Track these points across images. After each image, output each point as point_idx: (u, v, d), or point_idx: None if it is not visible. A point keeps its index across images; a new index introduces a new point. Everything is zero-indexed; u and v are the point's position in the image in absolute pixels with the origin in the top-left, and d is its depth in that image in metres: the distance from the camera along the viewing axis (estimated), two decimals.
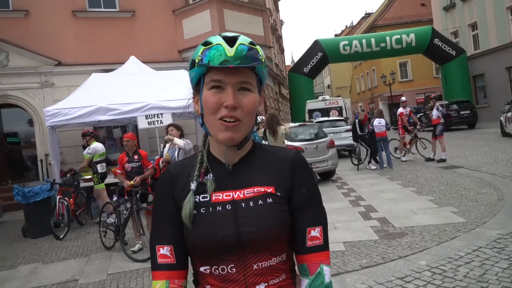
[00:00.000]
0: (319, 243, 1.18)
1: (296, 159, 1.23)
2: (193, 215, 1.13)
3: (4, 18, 11.93)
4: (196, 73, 1.13)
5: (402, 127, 12.86)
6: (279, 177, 1.18)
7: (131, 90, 9.05)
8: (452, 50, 25.65)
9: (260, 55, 1.12)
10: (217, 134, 1.12)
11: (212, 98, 1.10)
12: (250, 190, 1.15)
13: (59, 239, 7.43)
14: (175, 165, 1.29)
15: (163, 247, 1.18)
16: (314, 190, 1.23)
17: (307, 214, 1.18)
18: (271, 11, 27.60)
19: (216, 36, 1.12)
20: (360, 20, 60.19)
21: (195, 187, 1.16)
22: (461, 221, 5.76)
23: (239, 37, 1.12)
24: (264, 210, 1.13)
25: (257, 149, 1.25)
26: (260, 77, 1.17)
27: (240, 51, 1.08)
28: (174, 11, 13.53)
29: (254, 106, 1.14)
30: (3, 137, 12.39)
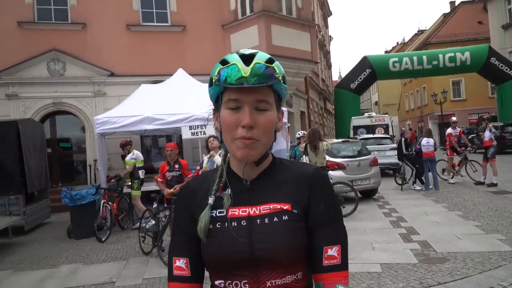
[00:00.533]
0: (336, 263, 1.14)
1: (315, 175, 1.20)
2: (208, 229, 1.14)
3: (63, 30, 12.73)
4: (214, 91, 1.15)
5: (450, 148, 12.37)
6: (296, 193, 1.17)
7: (177, 101, 9.31)
8: (509, 69, 24.47)
9: (277, 72, 1.12)
10: (235, 152, 1.13)
11: (229, 118, 1.11)
12: (266, 207, 1.15)
13: (101, 242, 7.69)
14: (195, 179, 1.32)
15: (179, 259, 1.20)
16: (333, 207, 1.20)
17: (324, 232, 1.16)
18: (320, 27, 27.63)
19: (234, 54, 1.13)
20: (412, 37, 58.87)
21: (213, 201, 1.17)
22: (508, 249, 5.44)
23: (256, 54, 1.12)
24: (279, 228, 1.12)
25: (277, 164, 1.24)
26: (278, 94, 1.16)
27: (256, 70, 1.08)
28: (223, 25, 13.86)
29: (271, 125, 1.14)
30: (56, 142, 13.09)
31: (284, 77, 1.15)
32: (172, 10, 13.65)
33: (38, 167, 9.72)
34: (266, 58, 1.12)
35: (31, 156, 9.39)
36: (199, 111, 8.88)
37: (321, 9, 31.20)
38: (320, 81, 28.51)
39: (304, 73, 15.72)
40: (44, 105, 12.33)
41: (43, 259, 6.90)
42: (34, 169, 9.39)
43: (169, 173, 6.76)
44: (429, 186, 11.58)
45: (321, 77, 29.35)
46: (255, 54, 1.12)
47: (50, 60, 12.37)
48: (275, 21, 13.34)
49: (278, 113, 1.19)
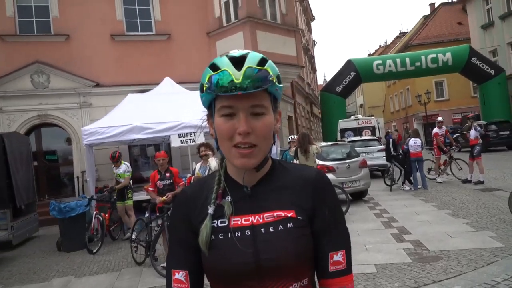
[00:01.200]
0: (342, 268, 1.12)
1: (319, 179, 1.16)
2: (210, 240, 1.09)
3: (46, 42, 12.62)
4: (205, 98, 1.10)
5: (437, 148, 12.52)
6: (300, 199, 1.13)
7: (165, 110, 9.28)
8: (490, 69, 24.93)
9: (271, 75, 1.05)
10: (233, 161, 1.09)
11: (224, 125, 1.06)
12: (270, 214, 1.10)
13: (92, 254, 7.60)
14: (192, 186, 1.26)
15: (178, 271, 1.15)
16: (337, 212, 1.17)
17: (329, 237, 1.13)
18: (304, 31, 27.84)
19: (223, 57, 1.06)
20: (394, 40, 59.62)
21: (213, 211, 1.12)
22: (499, 246, 5.51)
23: (247, 56, 1.06)
24: (284, 236, 1.08)
25: (277, 168, 1.19)
26: (274, 95, 1.11)
27: (248, 75, 1.02)
28: (208, 33, 13.88)
29: (269, 129, 1.08)
30: (42, 154, 12.91)
31: (278, 77, 1.09)
32: (157, 19, 13.63)
33: (25, 180, 9.57)
34: (258, 59, 1.06)
35: (18, 169, 9.24)
36: (188, 119, 8.86)
37: (304, 14, 31.46)
38: (306, 85, 28.69)
39: (290, 77, 15.82)
40: (29, 118, 12.18)
41: (34, 273, 6.79)
42: (21, 182, 9.25)
43: (160, 182, 6.72)
44: (418, 186, 11.71)
45: (307, 82, 29.54)
46: (246, 56, 1.06)
47: (34, 72, 12.23)
48: (260, 27, 13.41)
49: (276, 115, 1.14)
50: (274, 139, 1.14)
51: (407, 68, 25.72)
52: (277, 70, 1.09)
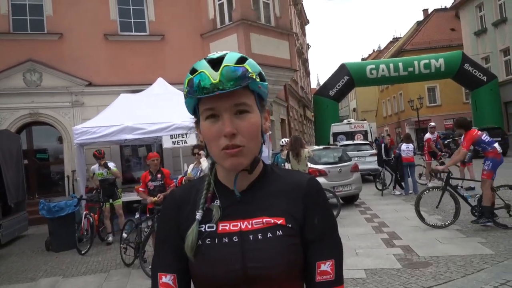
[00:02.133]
0: (330, 279, 1.07)
1: (310, 186, 1.13)
2: (197, 246, 1.06)
3: (39, 40, 12.53)
4: (189, 103, 1.08)
5: (428, 153, 12.58)
6: (290, 206, 1.09)
7: (157, 110, 9.24)
8: (483, 75, 25.19)
9: (250, 72, 1.03)
10: (223, 163, 1.06)
11: (209, 129, 1.04)
12: (259, 221, 1.07)
13: (81, 254, 7.53)
14: (181, 188, 1.22)
15: (165, 275, 1.11)
16: (328, 220, 1.13)
17: (318, 246, 1.09)
18: (298, 35, 27.91)
19: (202, 60, 1.05)
20: (387, 45, 60.03)
21: (201, 216, 1.09)
22: (489, 252, 5.55)
23: (225, 56, 1.04)
24: (273, 244, 1.04)
25: (269, 173, 1.16)
26: (258, 93, 1.08)
27: (225, 74, 1.00)
28: (202, 34, 13.85)
29: (255, 128, 1.06)
30: (33, 153, 12.80)
31: (261, 74, 1.07)
32: (151, 19, 13.58)
33: (15, 179, 9.48)
34: (236, 58, 1.04)
35: (8, 167, 9.17)
36: (180, 120, 8.83)
37: (298, 17, 31.55)
38: (299, 88, 28.75)
39: (284, 81, 15.83)
40: (20, 116, 12.08)
41: (22, 272, 6.73)
42: (11, 181, 9.17)
43: (151, 183, 6.69)
44: (409, 191, 11.75)
45: (300, 85, 29.60)
46: (224, 57, 1.04)
47: (26, 70, 12.14)
48: (254, 29, 13.42)
49: (263, 113, 1.11)
50: (264, 139, 1.11)
51: (400, 73, 25.91)
52: (258, 68, 1.07)
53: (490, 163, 6.85)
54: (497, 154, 6.88)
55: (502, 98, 25.61)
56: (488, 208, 6.71)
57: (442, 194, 7.40)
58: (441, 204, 7.50)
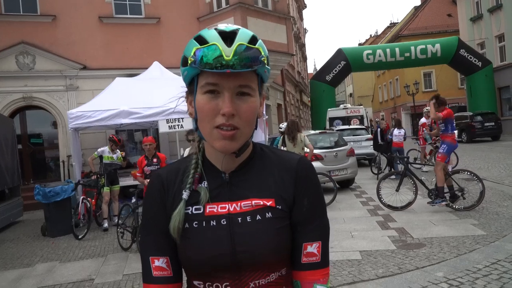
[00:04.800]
0: (316, 260, 1.07)
1: (301, 166, 1.10)
2: (184, 229, 1.03)
3: (32, 22, 12.35)
4: (188, 73, 1.01)
5: (422, 138, 12.63)
6: (280, 187, 1.07)
7: (153, 95, 9.18)
8: (478, 61, 25.21)
9: (262, 55, 0.99)
10: (213, 143, 1.01)
11: (207, 104, 0.99)
12: (248, 203, 1.04)
13: (78, 239, 7.55)
14: (167, 168, 1.16)
15: (158, 258, 1.08)
16: (317, 201, 1.10)
17: (305, 228, 1.07)
18: (295, 19, 27.68)
19: (212, 30, 0.99)
20: (384, 30, 59.72)
21: (187, 196, 1.05)
22: (481, 233, 5.63)
23: (238, 32, 0.98)
24: (262, 227, 1.02)
25: (258, 153, 1.12)
26: (261, 77, 1.05)
27: (239, 53, 0.94)
28: (198, 18, 13.72)
29: (254, 112, 1.02)
30: (27, 138, 12.74)
31: (268, 58, 1.02)
32: (146, 2, 13.41)
33: (9, 164, 9.44)
34: (249, 37, 0.98)
35: (2, 153, 9.11)
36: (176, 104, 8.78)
37: (295, 1, 31.25)
38: (296, 73, 28.64)
39: (281, 65, 15.76)
40: (13, 100, 11.97)
41: (17, 258, 6.72)
42: (5, 166, 9.13)
43: (147, 168, 6.70)
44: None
45: (297, 70, 29.48)
46: (237, 32, 0.98)
47: (19, 53, 11.99)
48: (251, 13, 13.30)
49: (260, 98, 1.07)
50: (257, 124, 1.09)
51: (396, 58, 25.86)
52: (266, 51, 1.03)
53: (446, 146, 7.21)
54: (454, 140, 7.28)
55: (496, 83, 25.70)
56: (441, 189, 7.09)
57: (402, 178, 7.80)
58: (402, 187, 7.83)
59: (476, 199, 7.03)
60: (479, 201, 6.97)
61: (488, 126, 21.73)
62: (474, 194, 7.22)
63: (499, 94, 26.44)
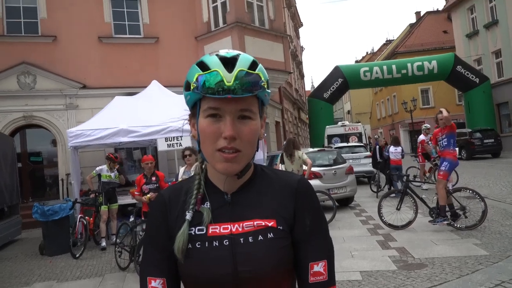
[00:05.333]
0: (323, 279, 1.08)
1: (300, 186, 1.12)
2: (188, 249, 1.05)
3: (33, 43, 12.47)
4: (191, 97, 1.05)
5: (421, 155, 12.63)
6: (281, 207, 1.09)
7: (152, 113, 9.23)
8: (475, 77, 25.35)
9: (262, 80, 1.02)
10: (216, 165, 1.04)
11: (209, 128, 1.02)
12: (250, 223, 1.06)
13: (75, 258, 7.48)
14: (170, 189, 1.19)
15: (155, 279, 1.09)
16: (319, 220, 1.13)
17: (310, 247, 1.09)
18: (292, 37, 27.97)
19: (213, 56, 1.03)
20: (381, 47, 60.34)
21: (191, 217, 1.07)
22: (483, 253, 5.57)
23: (238, 57, 1.02)
24: (264, 248, 1.04)
25: (259, 174, 1.15)
26: (262, 100, 1.09)
27: (240, 79, 0.98)
28: (196, 37, 13.85)
29: (255, 135, 1.05)
30: (27, 156, 12.72)
31: (268, 82, 1.06)
32: (145, 22, 13.56)
33: (8, 182, 9.41)
34: (249, 62, 1.02)
35: (1, 170, 9.09)
36: (175, 123, 8.82)
37: (292, 20, 31.62)
38: (294, 91, 28.79)
39: (278, 83, 15.87)
40: (14, 119, 12.00)
41: (15, 277, 6.66)
42: (4, 184, 9.10)
43: (146, 186, 6.68)
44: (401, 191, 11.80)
45: (295, 87, 29.65)
46: (237, 58, 1.02)
47: (20, 73, 12.07)
48: (248, 32, 13.43)
49: (261, 120, 1.10)
50: (258, 145, 1.11)
51: (393, 75, 26.02)
52: (267, 75, 1.06)
53: (448, 164, 7.15)
54: (455, 157, 7.23)
55: (495, 99, 25.81)
56: (443, 207, 7.03)
57: (403, 196, 7.73)
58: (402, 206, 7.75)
59: (478, 218, 6.96)
60: (481, 220, 6.91)
61: (488, 142, 21.69)
62: (475, 213, 7.17)
63: (498, 110, 26.52)
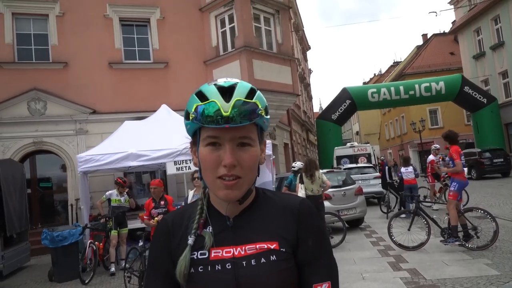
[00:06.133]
0: None
1: (302, 208, 1.13)
2: (190, 273, 1.05)
3: (44, 69, 12.72)
4: (191, 127, 1.08)
5: (431, 175, 12.53)
6: (283, 229, 1.10)
7: (161, 137, 9.31)
8: (483, 98, 25.38)
9: (260, 108, 1.03)
10: (217, 192, 1.06)
11: (209, 156, 1.04)
12: (252, 247, 1.07)
13: (85, 284, 7.44)
14: (174, 214, 1.20)
15: None
16: (322, 242, 1.13)
17: (313, 268, 1.09)
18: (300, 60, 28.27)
19: (211, 86, 1.05)
20: (388, 69, 60.61)
21: (193, 241, 1.08)
22: (495, 273, 5.49)
23: (236, 86, 1.04)
24: (267, 270, 1.04)
25: (261, 198, 1.16)
26: (261, 127, 1.10)
27: (237, 108, 1.00)
28: (205, 61, 14.08)
29: (255, 161, 1.07)
30: (36, 181, 12.79)
31: (266, 108, 1.07)
32: (155, 47, 13.82)
33: (18, 208, 9.46)
34: (247, 91, 1.04)
35: (11, 197, 9.16)
36: (184, 146, 8.88)
37: (300, 43, 32.02)
38: (302, 113, 28.91)
39: (286, 105, 15.96)
40: (24, 145, 12.13)
41: None
42: (14, 210, 9.14)
43: (155, 210, 6.69)
44: None
45: (303, 109, 29.78)
46: (235, 87, 1.03)
47: (31, 99, 12.27)
48: (256, 56, 13.63)
49: (261, 145, 1.12)
50: (259, 171, 1.12)
51: (401, 96, 26.09)
52: (265, 102, 1.08)
53: (457, 184, 7.14)
54: (464, 177, 7.24)
55: (503, 119, 25.73)
56: (455, 228, 6.97)
57: (413, 217, 7.66)
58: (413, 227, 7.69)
59: (490, 238, 6.88)
60: (493, 240, 6.83)
61: (497, 162, 21.52)
62: (487, 233, 7.07)
63: (506, 130, 26.41)
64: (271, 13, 14.63)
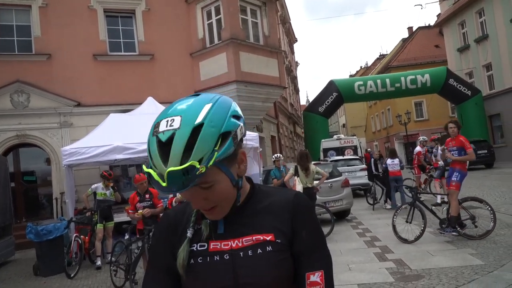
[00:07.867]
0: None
1: (297, 201, 1.15)
2: (189, 264, 1.09)
3: (27, 61, 12.47)
4: None
5: (417, 167, 12.67)
6: (279, 222, 1.12)
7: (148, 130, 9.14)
8: (467, 90, 25.71)
9: (198, 168, 0.93)
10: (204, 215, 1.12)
11: (184, 197, 1.09)
12: (249, 238, 1.10)
13: (70, 278, 7.38)
14: (175, 209, 1.24)
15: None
16: (316, 233, 1.16)
17: (307, 258, 1.12)
18: (286, 53, 28.24)
19: (153, 138, 0.99)
20: (374, 61, 60.99)
21: (192, 234, 1.12)
22: (479, 263, 5.58)
23: (173, 140, 0.95)
24: (263, 260, 1.07)
25: (256, 192, 1.19)
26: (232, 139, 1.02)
27: (171, 180, 0.93)
28: (191, 54, 13.96)
29: (224, 193, 1.06)
30: (20, 175, 12.59)
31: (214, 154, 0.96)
32: (140, 39, 13.65)
33: (1, 202, 9.32)
34: (182, 148, 0.94)
35: None
36: None
37: (286, 36, 31.96)
38: (289, 105, 28.95)
39: (273, 98, 15.94)
40: (7, 138, 11.91)
41: None
42: None
43: (140, 204, 6.64)
44: (397, 205, 11.78)
45: (290, 102, 29.81)
46: (172, 141, 0.95)
47: (14, 92, 12.04)
48: (243, 48, 13.55)
49: (236, 159, 1.08)
50: (241, 184, 1.11)
51: (387, 89, 26.29)
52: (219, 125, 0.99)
53: (459, 174, 7.14)
54: (465, 168, 7.23)
55: (487, 111, 26.11)
56: (454, 218, 7.00)
57: (412, 209, 7.61)
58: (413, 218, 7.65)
59: (491, 226, 6.94)
60: (493, 227, 6.91)
61: (481, 154, 21.81)
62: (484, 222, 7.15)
63: (490, 122, 26.83)
64: (257, 5, 14.54)
